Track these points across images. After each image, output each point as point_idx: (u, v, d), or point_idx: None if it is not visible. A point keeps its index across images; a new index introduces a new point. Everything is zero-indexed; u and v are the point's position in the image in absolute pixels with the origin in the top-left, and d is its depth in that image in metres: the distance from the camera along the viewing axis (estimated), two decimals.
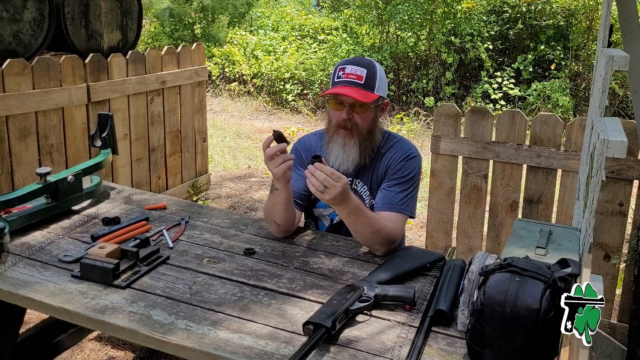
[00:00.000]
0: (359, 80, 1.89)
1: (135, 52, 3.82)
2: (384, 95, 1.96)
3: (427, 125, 6.94)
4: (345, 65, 1.93)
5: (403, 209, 1.92)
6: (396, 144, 2.02)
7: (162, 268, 1.71)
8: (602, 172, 1.30)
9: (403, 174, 1.96)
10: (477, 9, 7.81)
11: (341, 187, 1.66)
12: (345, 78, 1.90)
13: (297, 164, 2.03)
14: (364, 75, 1.89)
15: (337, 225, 2.07)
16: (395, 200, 1.92)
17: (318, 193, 1.68)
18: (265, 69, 8.45)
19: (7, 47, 3.31)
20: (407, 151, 2.00)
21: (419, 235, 4.14)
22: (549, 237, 1.63)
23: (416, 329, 1.42)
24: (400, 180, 1.95)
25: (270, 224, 1.96)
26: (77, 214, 2.09)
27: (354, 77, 1.89)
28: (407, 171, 1.96)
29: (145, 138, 3.95)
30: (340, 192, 1.67)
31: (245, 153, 6.11)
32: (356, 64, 1.92)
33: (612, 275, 2.71)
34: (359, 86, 1.89)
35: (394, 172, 1.97)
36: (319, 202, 2.06)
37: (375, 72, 1.92)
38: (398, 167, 1.97)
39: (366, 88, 1.89)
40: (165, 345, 1.38)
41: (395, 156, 1.99)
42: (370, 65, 1.93)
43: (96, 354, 2.65)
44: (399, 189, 1.94)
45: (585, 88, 7.14)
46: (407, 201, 1.94)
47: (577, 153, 2.69)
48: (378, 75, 1.92)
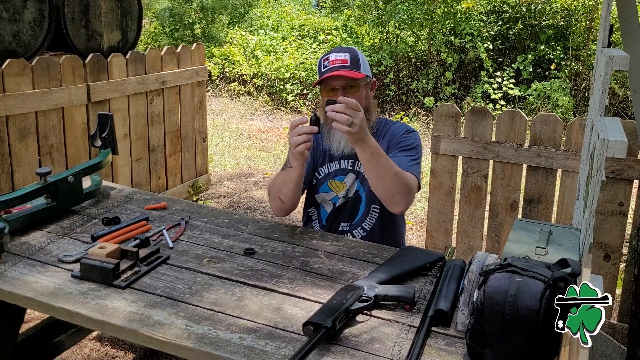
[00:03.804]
0: (345, 63, 1.98)
1: (135, 52, 3.82)
2: (370, 75, 2.07)
3: (427, 126, 6.94)
4: (328, 54, 2.03)
5: (413, 170, 1.98)
6: (394, 125, 2.14)
7: (162, 268, 1.71)
8: (602, 172, 1.30)
9: (406, 144, 2.06)
10: (477, 9, 7.81)
11: (362, 116, 1.74)
12: (331, 65, 1.99)
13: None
14: (348, 58, 1.99)
15: (340, 208, 2.11)
16: (404, 162, 1.99)
17: (345, 128, 1.71)
18: (265, 69, 8.45)
19: (7, 47, 3.31)
20: (405, 128, 2.11)
21: (419, 235, 4.14)
22: (549, 237, 1.63)
23: (416, 329, 1.42)
24: (404, 148, 2.04)
25: (273, 200, 2.03)
26: (77, 214, 2.09)
27: (339, 61, 1.99)
28: (409, 141, 2.06)
29: (145, 138, 3.95)
30: (361, 121, 1.74)
31: (245, 153, 6.11)
32: (338, 51, 2.03)
33: (612, 275, 2.70)
34: (346, 68, 1.98)
35: (396, 143, 2.06)
36: (321, 187, 2.13)
37: (358, 54, 2.03)
38: (400, 139, 2.07)
39: (353, 68, 1.98)
40: (165, 345, 1.38)
41: (395, 132, 2.10)
42: (351, 49, 2.04)
43: (96, 353, 2.65)
44: (405, 154, 2.02)
45: (585, 88, 7.14)
46: (415, 165, 2.01)
47: (577, 153, 2.69)
48: (360, 58, 2.03)
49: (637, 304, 2.34)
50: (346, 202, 2.11)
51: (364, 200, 2.09)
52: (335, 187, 2.12)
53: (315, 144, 2.13)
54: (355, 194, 2.10)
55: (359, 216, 2.11)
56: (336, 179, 2.12)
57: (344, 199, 2.11)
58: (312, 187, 2.16)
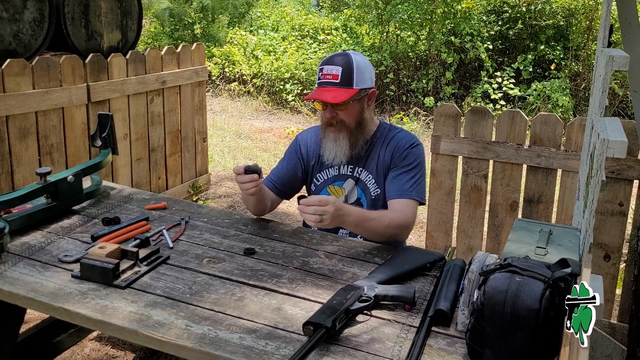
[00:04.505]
0: (335, 80, 1.96)
1: (135, 52, 3.82)
2: (366, 87, 2.01)
3: (427, 125, 6.94)
4: (323, 65, 2.00)
5: (413, 195, 2.00)
6: (398, 134, 2.10)
7: (162, 268, 1.71)
8: (602, 172, 1.30)
9: (409, 162, 2.04)
10: (477, 8, 7.81)
11: (332, 208, 1.75)
12: (323, 79, 1.98)
13: (290, 153, 2.18)
14: (339, 73, 1.95)
15: None
16: (406, 187, 2.00)
17: (318, 224, 1.77)
18: (265, 69, 8.45)
19: (7, 47, 3.31)
20: (410, 140, 2.08)
21: (419, 235, 4.14)
22: (549, 237, 1.63)
23: (416, 329, 1.42)
24: (407, 168, 2.03)
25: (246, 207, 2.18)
26: (77, 214, 2.09)
27: (330, 77, 1.96)
28: (412, 158, 2.04)
29: (145, 138, 3.95)
30: (334, 212, 1.76)
31: (245, 153, 6.11)
32: (332, 62, 1.98)
33: (612, 275, 2.70)
34: (335, 85, 1.96)
35: (400, 160, 2.04)
36: (321, 192, 2.14)
37: (352, 67, 1.96)
38: (404, 156, 2.04)
39: (343, 85, 1.95)
40: (165, 345, 1.38)
41: (399, 145, 2.06)
42: (345, 62, 1.97)
43: (96, 353, 2.65)
44: (407, 176, 2.02)
45: (585, 88, 7.14)
46: (416, 187, 2.01)
47: (577, 153, 2.69)
48: (355, 70, 1.96)
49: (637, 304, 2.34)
50: None
51: (365, 208, 2.09)
52: (334, 192, 2.12)
53: (312, 149, 2.15)
54: (357, 202, 2.10)
55: None
56: (335, 184, 2.13)
57: None
58: (311, 193, 2.18)
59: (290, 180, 2.17)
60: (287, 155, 2.21)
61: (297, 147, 2.19)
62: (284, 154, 2.24)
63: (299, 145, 2.19)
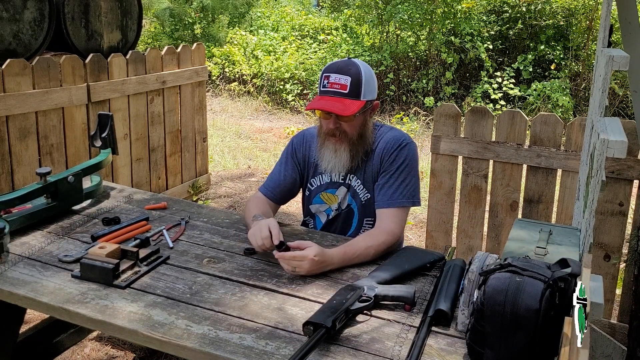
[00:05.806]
0: (343, 90, 1.87)
1: (136, 52, 3.82)
2: (372, 98, 1.95)
3: (427, 125, 6.94)
4: (330, 73, 1.90)
5: (403, 202, 1.94)
6: (387, 135, 2.01)
7: (162, 268, 1.71)
8: (602, 172, 1.30)
9: (398, 164, 1.95)
10: (477, 8, 7.81)
11: (308, 262, 1.66)
12: (329, 88, 1.89)
13: (287, 158, 2.12)
14: (349, 83, 1.87)
15: (333, 220, 2.10)
16: (395, 195, 1.93)
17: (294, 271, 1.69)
18: (265, 69, 8.45)
19: (7, 47, 3.31)
20: (398, 139, 1.98)
21: (419, 235, 4.14)
22: (549, 237, 1.63)
23: (416, 329, 1.42)
24: (396, 171, 1.95)
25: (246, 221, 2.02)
26: (77, 214, 2.09)
27: (337, 86, 1.88)
28: (400, 160, 1.95)
29: (145, 138, 3.95)
30: (311, 265, 1.67)
31: (245, 153, 6.11)
32: (340, 71, 1.89)
33: (612, 275, 2.70)
34: (343, 96, 1.87)
35: (389, 163, 1.96)
36: (314, 198, 2.11)
37: (361, 78, 1.89)
38: (392, 159, 1.96)
39: (351, 96, 1.88)
40: (165, 345, 1.38)
41: (387, 146, 1.98)
42: (355, 72, 1.89)
43: (96, 353, 2.65)
44: (397, 182, 1.94)
45: (585, 88, 7.14)
46: (406, 192, 1.94)
47: (577, 153, 2.69)
48: (364, 81, 1.89)
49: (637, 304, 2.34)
50: (339, 214, 2.08)
51: (356, 214, 2.07)
52: (327, 199, 2.09)
53: (307, 153, 2.11)
54: (348, 208, 2.07)
55: (352, 229, 2.08)
56: (328, 191, 2.08)
57: (337, 212, 2.08)
58: (305, 197, 2.15)
59: (289, 186, 2.11)
60: (283, 159, 2.14)
61: (292, 151, 2.13)
62: (279, 157, 2.18)
63: (295, 150, 2.12)
